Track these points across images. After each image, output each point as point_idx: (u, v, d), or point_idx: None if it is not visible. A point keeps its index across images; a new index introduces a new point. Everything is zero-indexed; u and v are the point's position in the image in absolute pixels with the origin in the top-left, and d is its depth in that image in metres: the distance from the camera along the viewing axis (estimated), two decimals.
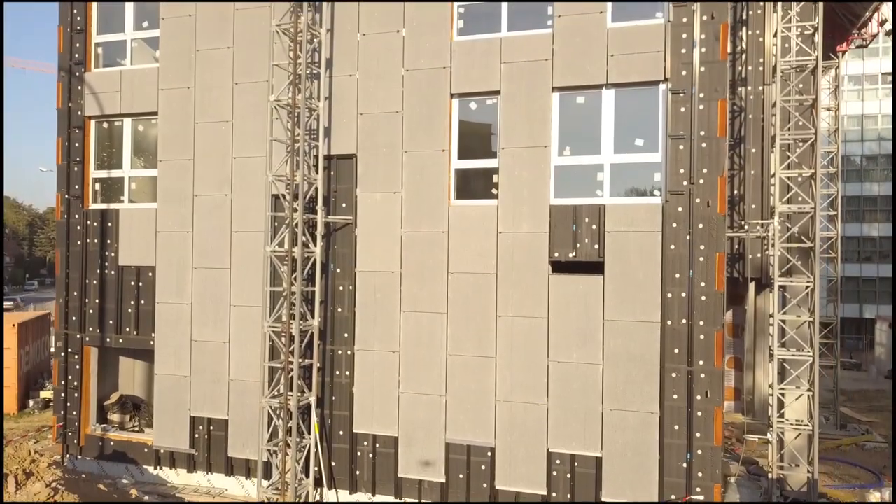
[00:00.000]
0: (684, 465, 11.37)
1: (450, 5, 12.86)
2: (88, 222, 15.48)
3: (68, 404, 15.52)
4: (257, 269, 13.71)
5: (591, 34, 12.06)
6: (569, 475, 12.00)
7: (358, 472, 13.32)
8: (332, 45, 13.51)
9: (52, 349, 17.90)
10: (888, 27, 22.43)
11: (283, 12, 12.74)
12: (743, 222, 15.77)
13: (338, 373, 13.49)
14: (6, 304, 63.85)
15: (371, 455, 13.24)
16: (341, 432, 13.45)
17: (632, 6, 12.00)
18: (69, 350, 15.57)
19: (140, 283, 15.07)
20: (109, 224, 15.30)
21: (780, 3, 13.21)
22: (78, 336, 15.50)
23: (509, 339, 12.41)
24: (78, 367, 15.51)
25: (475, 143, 13.07)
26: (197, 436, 14.41)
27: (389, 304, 13.16)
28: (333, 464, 13.48)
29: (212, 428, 14.31)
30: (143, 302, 15.05)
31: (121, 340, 15.21)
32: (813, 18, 12.96)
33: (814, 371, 12.41)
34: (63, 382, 15.56)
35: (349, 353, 13.41)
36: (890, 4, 20.18)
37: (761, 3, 15.69)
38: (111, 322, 15.27)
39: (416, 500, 12.91)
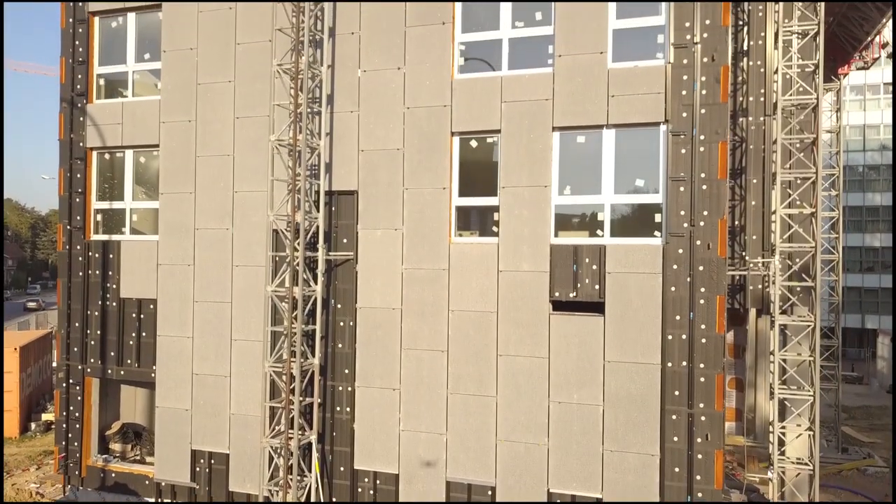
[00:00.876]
0: None
1: (451, 44, 12.88)
2: (90, 253, 15.52)
3: (70, 435, 15.56)
4: (258, 303, 13.75)
5: (591, 74, 12.07)
6: None
7: None
8: (333, 81, 13.53)
9: (55, 365, 17.96)
10: (889, 49, 22.42)
11: (284, 52, 12.76)
12: (744, 253, 15.76)
13: (338, 409, 13.50)
14: (31, 304, 66.41)
15: (372, 492, 13.25)
16: (342, 468, 13.46)
17: (633, 46, 12.01)
18: (71, 381, 15.61)
19: (141, 315, 15.10)
20: (111, 255, 15.33)
21: (780, 39, 13.20)
22: (79, 367, 15.54)
23: (510, 378, 12.42)
24: (79, 398, 15.54)
25: (476, 181, 13.07)
26: (198, 469, 14.43)
27: (390, 341, 13.17)
28: (334, 500, 13.49)
29: (213, 461, 14.33)
30: (144, 334, 15.07)
31: (122, 372, 15.24)
32: (814, 56, 12.95)
33: (815, 410, 12.42)
34: (65, 413, 15.60)
35: (350, 389, 13.42)
36: (890, 24, 20.19)
37: (763, 35, 15.67)
38: (112, 354, 15.30)
39: None
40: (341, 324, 13.54)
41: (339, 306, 13.58)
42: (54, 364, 23.76)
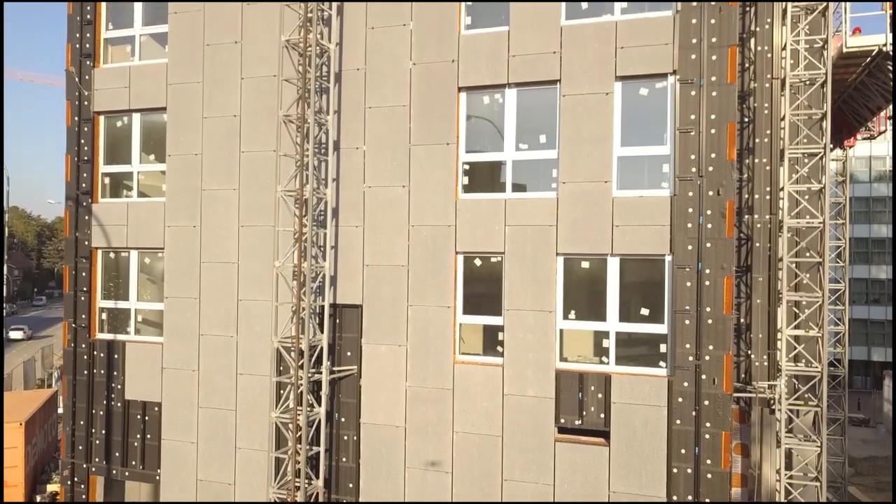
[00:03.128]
0: None
1: (456, 164, 12.87)
2: (95, 352, 15.55)
3: None
4: (263, 412, 13.76)
5: (596, 203, 12.03)
6: None
7: None
8: (338, 196, 13.53)
9: (61, 425, 17.92)
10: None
11: (288, 177, 12.78)
12: (749, 352, 15.67)
13: None
14: (15, 335, 59.88)
15: None
16: None
17: (638, 175, 11.99)
18: (75, 479, 15.63)
19: (146, 418, 15.12)
20: (116, 356, 15.36)
21: (787, 154, 13.16)
22: (84, 466, 15.56)
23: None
24: (84, 496, 15.57)
25: (481, 301, 13.04)
26: None
27: (394, 459, 13.16)
28: None
29: None
30: (149, 436, 15.09)
31: (126, 474, 15.25)
32: (820, 178, 12.90)
33: (822, 460, 12.41)
34: None
35: None
36: None
37: (768, 132, 15.60)
38: (117, 454, 15.32)
39: None
40: (345, 438, 13.53)
41: (342, 420, 13.57)
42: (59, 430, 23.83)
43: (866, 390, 49.44)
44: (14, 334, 60.17)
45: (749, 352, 15.83)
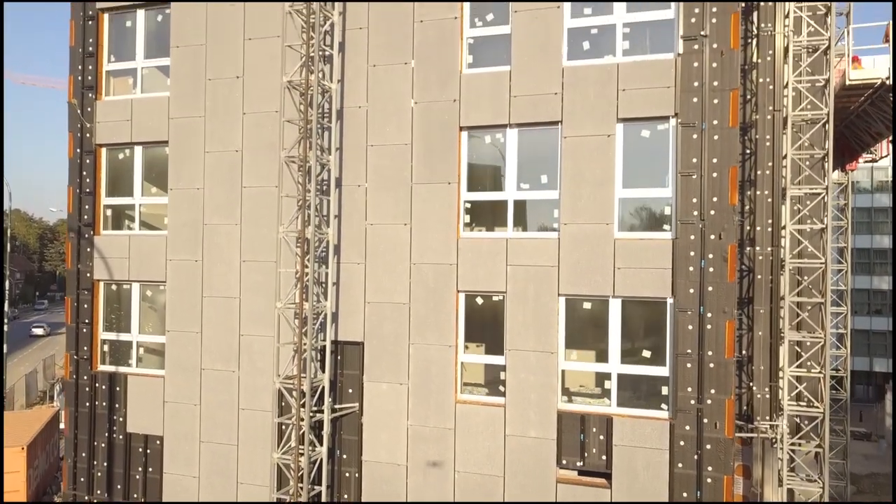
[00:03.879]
0: None
1: (457, 202, 12.87)
2: (97, 385, 15.55)
3: None
4: (265, 447, 13.76)
5: (597, 243, 12.03)
6: None
7: None
8: (340, 233, 13.54)
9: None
10: None
11: (288, 217, 12.79)
12: (751, 384, 15.65)
13: None
14: (37, 332, 67.01)
15: None
16: None
17: (639, 217, 11.99)
18: None
19: (148, 451, 15.12)
20: (118, 388, 15.37)
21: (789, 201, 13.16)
22: (86, 498, 15.57)
23: None
24: None
25: (483, 339, 13.04)
26: None
27: (396, 497, 13.14)
28: None
29: None
30: (150, 469, 15.10)
31: None
32: (822, 217, 12.89)
33: (824, 497, 12.41)
34: None
35: None
36: None
37: (770, 164, 15.58)
38: (119, 487, 15.33)
39: None
40: (347, 474, 13.53)
41: (344, 457, 13.57)
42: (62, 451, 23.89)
43: (868, 401, 49.38)
44: (36, 331, 67.53)
45: (751, 384, 15.81)
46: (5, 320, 40.05)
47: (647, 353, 12.03)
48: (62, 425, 25.85)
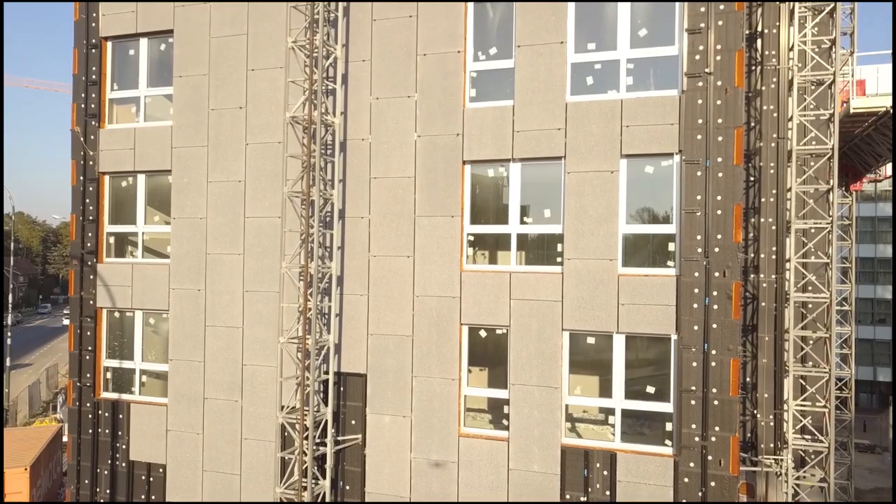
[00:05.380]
0: None
1: (460, 237, 12.85)
2: (100, 412, 15.56)
3: None
4: (267, 478, 13.74)
5: (601, 279, 12.00)
6: None
7: None
8: (343, 265, 13.53)
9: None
10: None
11: (292, 249, 12.79)
12: (755, 412, 15.62)
13: None
14: (67, 322, 67.30)
15: None
16: None
17: (643, 253, 11.97)
18: None
19: (151, 479, 15.12)
20: (120, 416, 15.37)
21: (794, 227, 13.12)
22: None
23: None
24: None
25: (487, 374, 13.02)
26: None
27: None
28: None
29: None
30: (153, 497, 15.09)
31: None
32: (827, 251, 12.85)
33: None
34: None
35: None
36: None
37: (774, 192, 15.56)
38: None
39: None
40: None
41: (347, 488, 13.55)
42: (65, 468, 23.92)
43: (872, 411, 49.22)
44: (66, 321, 67.82)
45: (755, 412, 15.78)
46: (8, 333, 40.18)
47: (651, 389, 12.00)
48: (65, 438, 25.94)
